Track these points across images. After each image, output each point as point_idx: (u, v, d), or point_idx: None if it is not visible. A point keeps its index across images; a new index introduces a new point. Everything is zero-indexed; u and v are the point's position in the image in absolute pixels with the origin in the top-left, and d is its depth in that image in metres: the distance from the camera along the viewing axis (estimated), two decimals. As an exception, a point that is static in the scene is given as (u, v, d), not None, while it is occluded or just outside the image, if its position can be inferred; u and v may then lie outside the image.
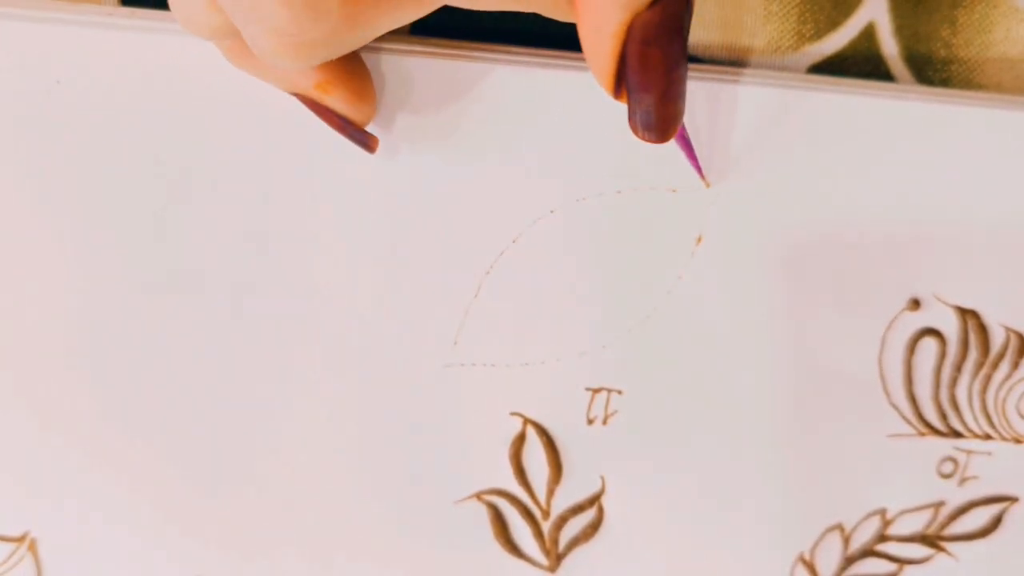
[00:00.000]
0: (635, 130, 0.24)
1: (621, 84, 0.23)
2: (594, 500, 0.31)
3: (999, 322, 0.29)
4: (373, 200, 0.29)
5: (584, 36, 0.22)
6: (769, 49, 0.28)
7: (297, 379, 0.30)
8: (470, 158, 0.28)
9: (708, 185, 0.28)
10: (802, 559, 0.31)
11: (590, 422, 0.30)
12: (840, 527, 0.31)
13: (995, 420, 0.30)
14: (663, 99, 0.23)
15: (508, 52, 0.27)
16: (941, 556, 0.31)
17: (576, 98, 0.27)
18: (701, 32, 0.28)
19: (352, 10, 0.21)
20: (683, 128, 0.26)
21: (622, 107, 0.27)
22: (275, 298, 0.30)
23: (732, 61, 0.28)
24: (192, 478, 0.31)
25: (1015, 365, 0.30)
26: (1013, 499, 0.31)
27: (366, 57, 0.27)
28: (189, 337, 0.30)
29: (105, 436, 0.31)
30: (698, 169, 0.27)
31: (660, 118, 0.23)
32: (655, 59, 0.22)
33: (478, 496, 0.31)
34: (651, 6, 0.21)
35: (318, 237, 0.29)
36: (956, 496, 0.31)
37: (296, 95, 0.26)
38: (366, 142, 0.26)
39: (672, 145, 0.27)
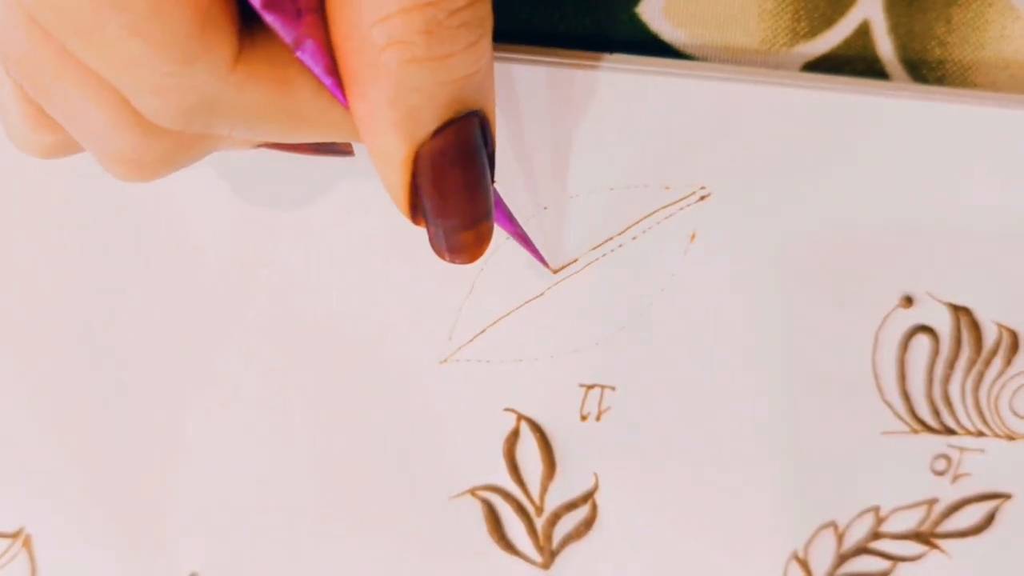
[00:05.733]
0: (440, 254, 0.22)
1: (418, 210, 0.21)
2: (587, 497, 0.31)
3: (992, 319, 0.29)
4: (368, 197, 0.29)
5: (374, 163, 0.21)
6: (763, 47, 0.28)
7: (292, 376, 0.30)
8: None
9: (554, 271, 0.28)
10: (795, 556, 0.31)
11: (583, 418, 0.30)
12: (833, 524, 0.31)
13: (988, 417, 0.30)
14: (467, 222, 0.21)
15: (501, 50, 0.27)
16: (934, 553, 0.31)
17: (569, 95, 0.27)
18: (695, 30, 0.28)
19: (179, 134, 0.21)
20: (515, 224, 0.25)
21: (616, 105, 0.27)
22: (270, 296, 0.30)
23: (726, 59, 0.28)
24: (188, 476, 0.31)
25: (1008, 362, 0.30)
26: (1006, 496, 0.31)
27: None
28: (187, 334, 0.30)
29: (101, 433, 0.31)
30: (540, 259, 0.27)
31: (466, 242, 0.22)
32: (452, 183, 0.21)
33: (472, 492, 0.31)
34: (436, 135, 0.20)
35: (313, 234, 0.29)
36: (949, 493, 0.31)
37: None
38: (340, 151, 0.25)
39: (670, 145, 0.27)
